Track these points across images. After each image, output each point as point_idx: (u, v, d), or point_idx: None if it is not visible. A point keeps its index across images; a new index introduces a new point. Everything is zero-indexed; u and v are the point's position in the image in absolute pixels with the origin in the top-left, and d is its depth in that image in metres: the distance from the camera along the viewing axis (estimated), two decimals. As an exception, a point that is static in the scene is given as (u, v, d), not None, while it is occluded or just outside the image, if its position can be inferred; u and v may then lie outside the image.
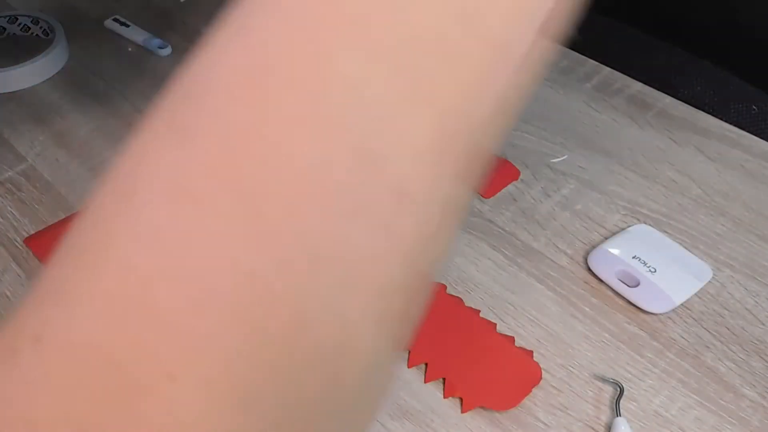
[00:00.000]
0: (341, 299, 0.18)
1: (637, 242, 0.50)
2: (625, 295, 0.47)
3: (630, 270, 0.48)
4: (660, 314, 0.47)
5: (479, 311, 0.47)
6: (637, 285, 0.48)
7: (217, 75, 0.19)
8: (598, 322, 0.46)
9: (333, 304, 0.18)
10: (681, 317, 0.47)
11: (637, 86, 0.65)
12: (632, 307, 0.47)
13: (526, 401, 0.42)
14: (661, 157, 0.58)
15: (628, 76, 0.66)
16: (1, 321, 0.20)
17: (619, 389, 0.42)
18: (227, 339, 0.17)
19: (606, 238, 0.51)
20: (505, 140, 0.21)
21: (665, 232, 0.52)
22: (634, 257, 0.49)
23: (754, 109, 0.67)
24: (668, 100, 0.63)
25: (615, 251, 0.50)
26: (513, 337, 0.45)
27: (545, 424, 0.41)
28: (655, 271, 0.48)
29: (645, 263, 0.48)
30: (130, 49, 0.70)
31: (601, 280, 0.49)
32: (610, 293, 0.48)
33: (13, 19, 0.70)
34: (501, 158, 0.57)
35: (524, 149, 0.59)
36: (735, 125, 0.61)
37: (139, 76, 0.66)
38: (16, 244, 0.51)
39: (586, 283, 0.49)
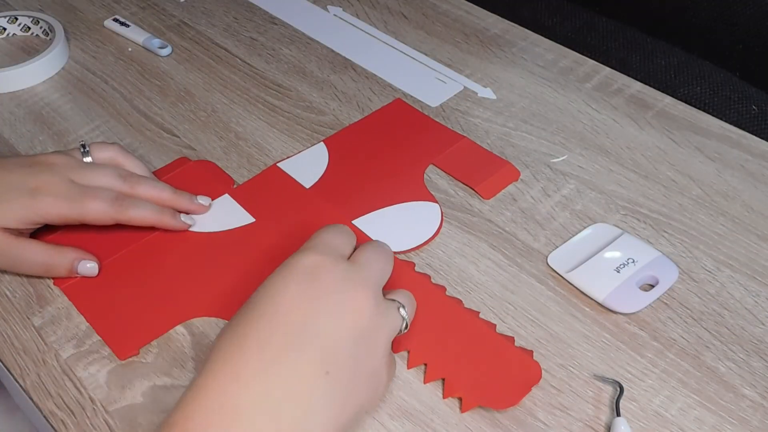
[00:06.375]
0: None
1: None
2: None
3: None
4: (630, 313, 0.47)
5: (479, 312, 0.47)
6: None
7: None
8: (598, 322, 0.46)
9: None
10: (681, 317, 0.47)
11: (637, 86, 0.65)
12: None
13: (526, 401, 0.42)
14: (661, 157, 0.58)
15: (628, 76, 0.66)
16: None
17: (619, 389, 0.42)
18: None
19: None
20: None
21: (664, 231, 0.52)
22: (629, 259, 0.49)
23: (754, 109, 0.67)
24: (668, 100, 0.64)
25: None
26: (513, 338, 0.45)
27: (545, 424, 0.41)
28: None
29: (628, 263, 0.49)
30: (130, 49, 0.70)
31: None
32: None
33: (13, 19, 0.71)
34: (501, 159, 0.57)
35: (524, 149, 0.59)
36: (735, 125, 0.61)
37: (139, 76, 0.67)
38: (16, 244, 0.51)
39: (586, 283, 0.49)
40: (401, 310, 0.41)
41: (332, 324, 0.37)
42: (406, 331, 0.42)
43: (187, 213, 0.52)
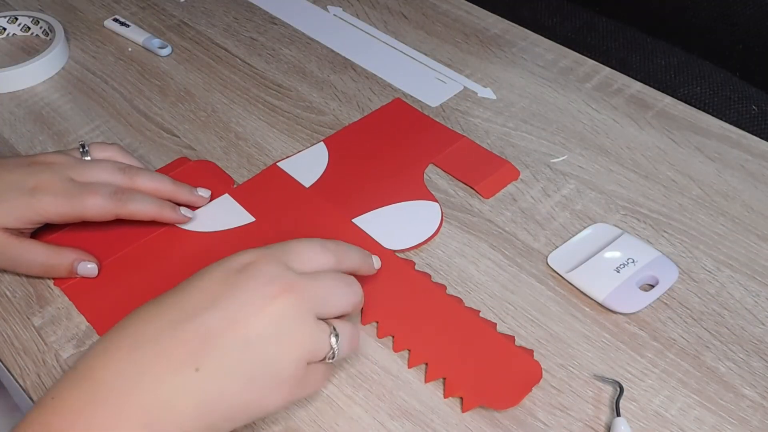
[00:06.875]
0: None
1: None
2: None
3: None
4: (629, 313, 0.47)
5: (479, 311, 0.47)
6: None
7: None
8: (598, 322, 0.46)
9: None
10: (681, 317, 0.47)
11: (637, 86, 0.65)
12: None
13: (526, 401, 0.42)
14: (661, 157, 0.58)
15: (628, 76, 0.66)
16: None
17: (619, 389, 0.42)
18: None
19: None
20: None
21: (664, 231, 0.52)
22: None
23: (754, 109, 0.67)
24: (668, 100, 0.64)
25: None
26: (513, 337, 0.45)
27: (545, 424, 0.41)
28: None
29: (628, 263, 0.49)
30: (130, 49, 0.70)
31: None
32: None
33: (13, 19, 0.71)
34: (501, 158, 0.57)
35: (524, 149, 0.59)
36: (735, 125, 0.61)
37: (139, 76, 0.67)
38: (16, 244, 0.51)
39: (586, 283, 0.49)
40: (333, 337, 0.38)
41: (226, 320, 0.35)
42: (332, 361, 0.39)
43: (188, 204, 0.52)
